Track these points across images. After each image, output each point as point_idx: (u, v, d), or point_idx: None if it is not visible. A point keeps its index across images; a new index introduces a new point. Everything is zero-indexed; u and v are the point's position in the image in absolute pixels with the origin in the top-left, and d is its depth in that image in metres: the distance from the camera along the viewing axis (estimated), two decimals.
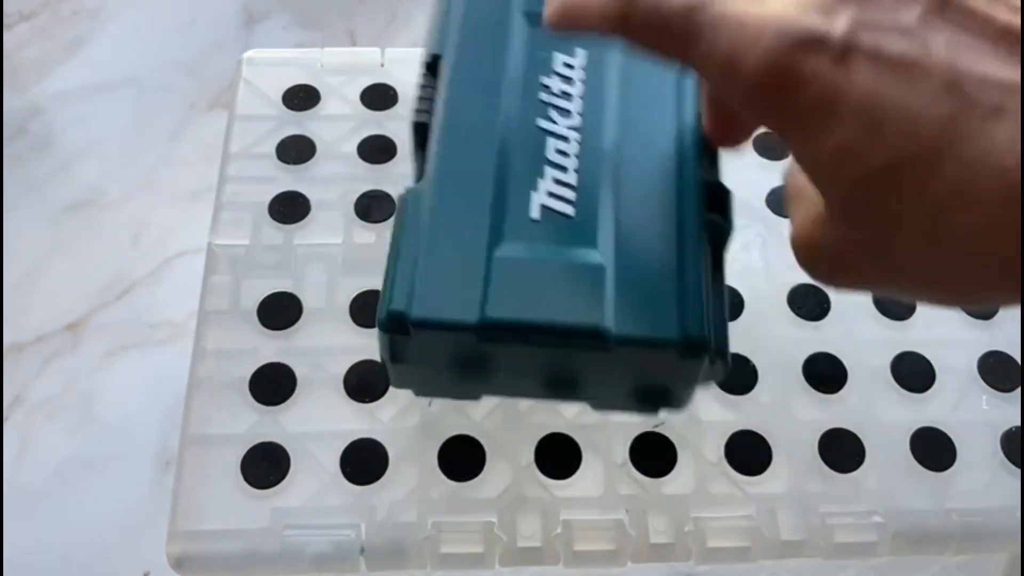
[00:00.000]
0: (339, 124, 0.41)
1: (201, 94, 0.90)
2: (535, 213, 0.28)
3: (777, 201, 0.39)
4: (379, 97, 0.42)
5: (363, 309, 0.36)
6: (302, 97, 0.42)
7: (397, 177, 0.39)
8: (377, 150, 0.40)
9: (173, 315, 0.77)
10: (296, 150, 0.40)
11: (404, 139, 0.41)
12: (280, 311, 0.36)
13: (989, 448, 0.34)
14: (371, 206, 0.38)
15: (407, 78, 0.43)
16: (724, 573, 0.35)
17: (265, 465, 0.32)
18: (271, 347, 0.35)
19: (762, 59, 0.21)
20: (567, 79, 0.30)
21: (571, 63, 0.31)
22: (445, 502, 0.32)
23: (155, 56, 0.93)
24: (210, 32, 0.95)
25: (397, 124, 0.41)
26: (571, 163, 0.29)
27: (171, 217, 0.82)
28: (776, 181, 0.40)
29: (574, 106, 0.30)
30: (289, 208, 0.38)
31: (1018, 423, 0.34)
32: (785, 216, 0.35)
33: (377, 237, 0.38)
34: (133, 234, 0.81)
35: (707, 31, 0.22)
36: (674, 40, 0.23)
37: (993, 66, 0.20)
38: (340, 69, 0.43)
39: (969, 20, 0.20)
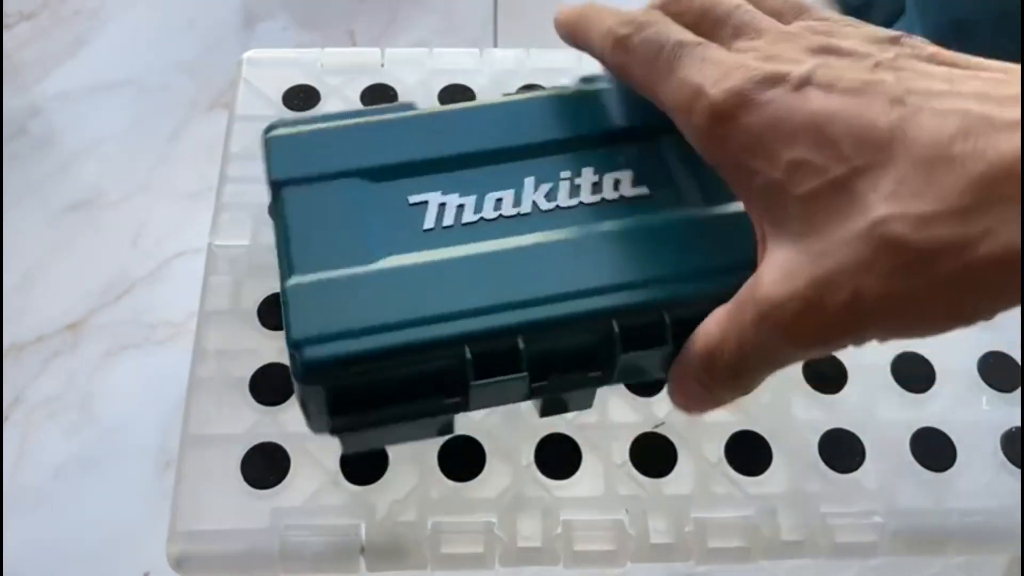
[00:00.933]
0: None
1: (201, 94, 0.90)
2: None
3: None
4: (379, 97, 0.42)
5: None
6: (302, 97, 0.42)
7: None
8: None
9: (173, 315, 0.77)
10: None
11: None
12: (280, 311, 0.36)
13: (989, 448, 0.34)
14: None
15: (407, 78, 0.43)
16: (724, 573, 0.35)
17: (265, 465, 0.32)
18: (271, 347, 0.35)
19: (725, 89, 0.24)
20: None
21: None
22: (445, 502, 0.32)
23: (155, 56, 0.93)
24: (210, 32, 0.95)
25: None
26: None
27: (171, 217, 0.82)
28: None
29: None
30: None
31: (1018, 423, 0.34)
32: None
33: None
34: (133, 234, 0.81)
35: (686, 63, 0.25)
36: (659, 67, 0.26)
37: (935, 85, 0.22)
38: (340, 69, 0.43)
39: (915, 63, 0.23)
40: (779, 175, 0.23)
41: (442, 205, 0.29)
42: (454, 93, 0.42)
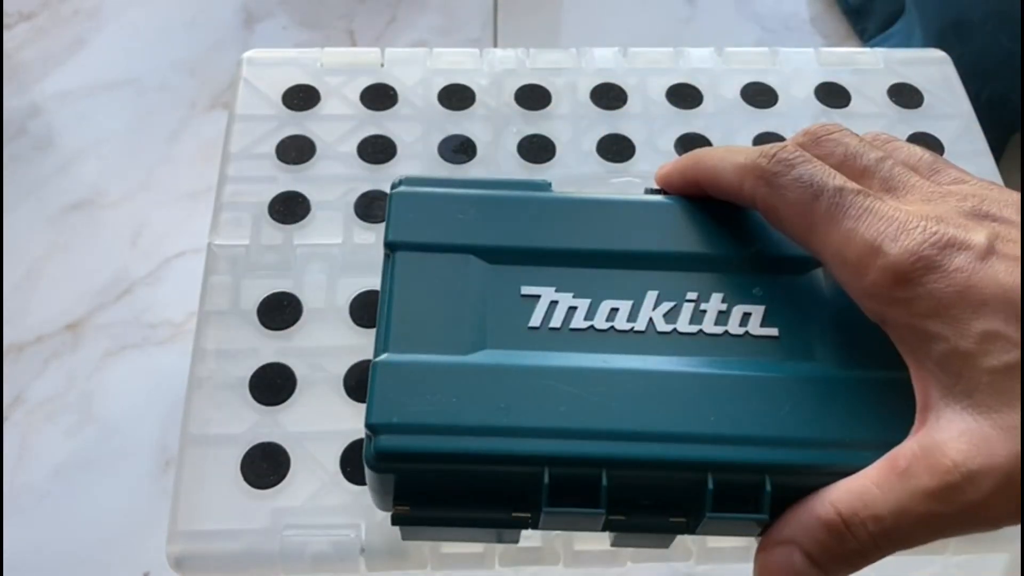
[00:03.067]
0: (339, 124, 0.41)
1: (201, 94, 0.90)
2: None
3: None
4: (379, 97, 0.42)
5: (363, 309, 0.36)
6: (302, 97, 0.42)
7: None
8: (377, 150, 0.40)
9: (173, 315, 0.77)
10: (296, 150, 0.40)
11: (404, 139, 0.41)
12: (280, 311, 0.36)
13: None
14: (371, 206, 0.38)
15: (407, 78, 0.43)
16: (724, 573, 0.35)
17: (265, 465, 0.32)
18: (271, 347, 0.35)
19: (908, 250, 0.23)
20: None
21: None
22: None
23: (155, 56, 0.93)
24: (210, 32, 0.95)
25: (397, 124, 0.41)
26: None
27: (171, 217, 0.82)
28: None
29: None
30: (289, 208, 0.38)
31: None
32: None
33: (377, 237, 0.38)
34: (133, 234, 0.81)
35: (852, 214, 0.24)
36: (816, 213, 0.25)
37: None
38: (340, 69, 0.43)
39: None
40: (968, 345, 0.22)
41: (553, 303, 0.28)
42: (454, 93, 0.42)
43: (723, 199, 0.29)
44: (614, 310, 0.28)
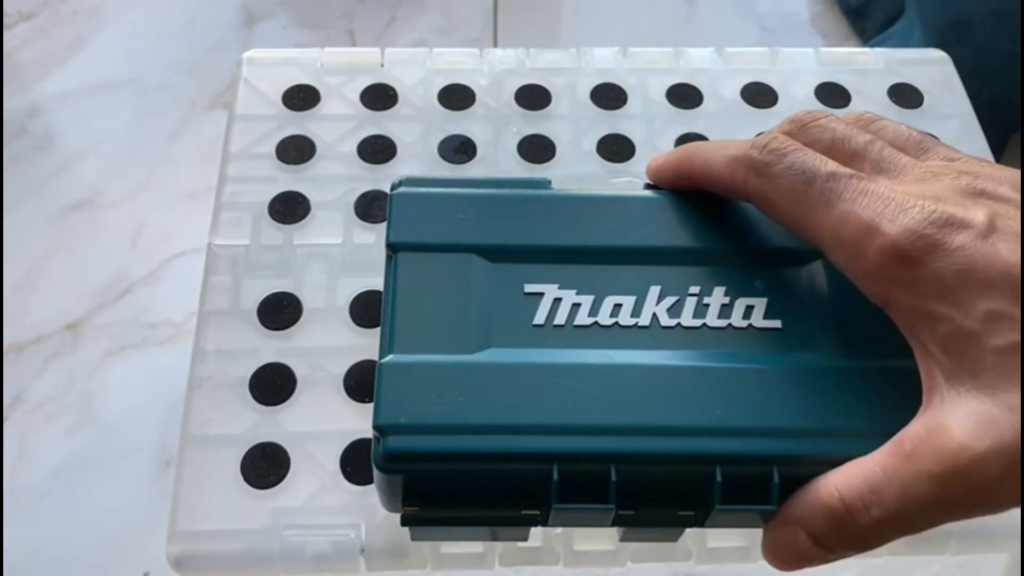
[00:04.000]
0: (339, 124, 0.41)
1: (201, 94, 0.90)
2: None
3: None
4: (379, 97, 0.42)
5: (363, 309, 0.36)
6: (302, 97, 0.42)
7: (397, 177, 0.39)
8: (377, 150, 0.40)
9: (173, 315, 0.77)
10: (296, 150, 0.40)
11: (404, 139, 0.41)
12: (280, 311, 0.36)
13: None
14: (371, 206, 0.38)
15: (407, 78, 0.43)
16: (724, 573, 0.35)
17: (265, 465, 0.32)
18: (271, 347, 0.35)
19: (908, 229, 0.23)
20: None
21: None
22: None
23: (155, 56, 0.93)
24: (210, 32, 0.95)
25: (397, 124, 0.41)
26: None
27: (171, 217, 0.82)
28: None
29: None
30: (289, 208, 0.38)
31: None
32: None
33: (377, 237, 0.38)
34: (133, 234, 0.81)
35: (847, 197, 0.24)
36: (811, 199, 0.25)
37: None
38: (340, 69, 0.43)
39: None
40: (974, 324, 0.22)
41: (557, 300, 0.28)
42: (454, 93, 0.42)
43: (716, 192, 0.29)
44: (617, 306, 0.28)
